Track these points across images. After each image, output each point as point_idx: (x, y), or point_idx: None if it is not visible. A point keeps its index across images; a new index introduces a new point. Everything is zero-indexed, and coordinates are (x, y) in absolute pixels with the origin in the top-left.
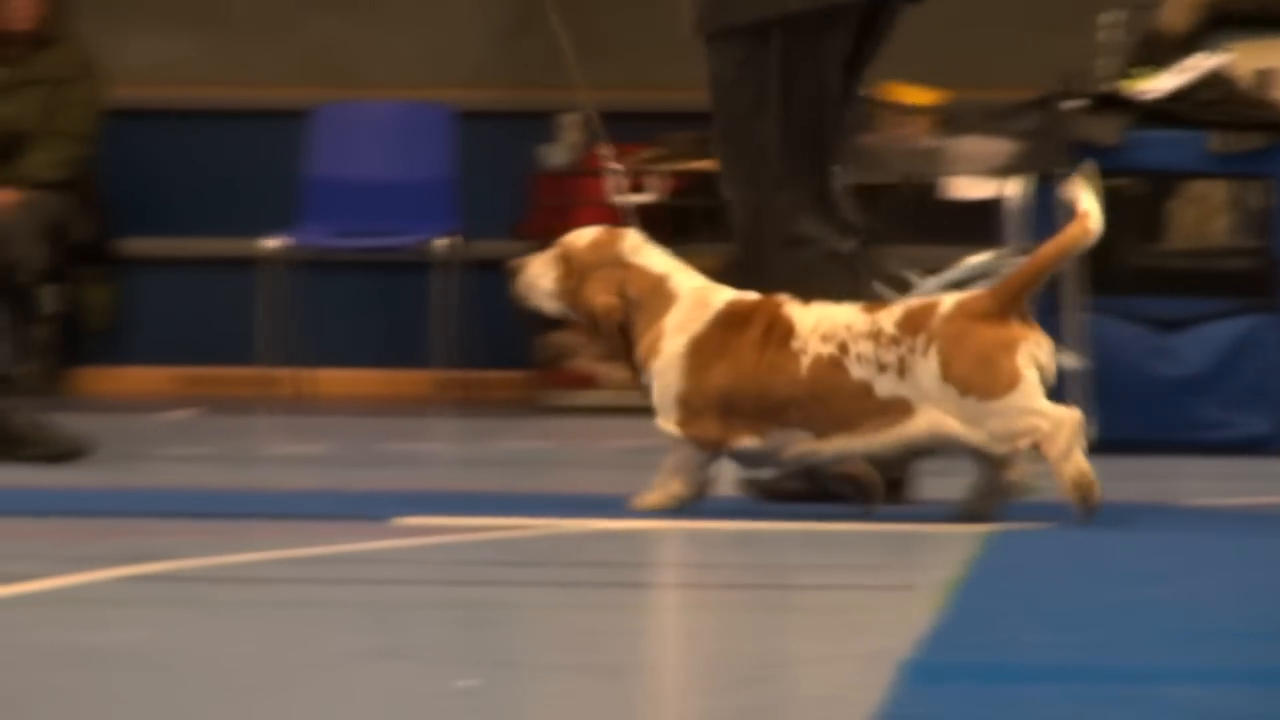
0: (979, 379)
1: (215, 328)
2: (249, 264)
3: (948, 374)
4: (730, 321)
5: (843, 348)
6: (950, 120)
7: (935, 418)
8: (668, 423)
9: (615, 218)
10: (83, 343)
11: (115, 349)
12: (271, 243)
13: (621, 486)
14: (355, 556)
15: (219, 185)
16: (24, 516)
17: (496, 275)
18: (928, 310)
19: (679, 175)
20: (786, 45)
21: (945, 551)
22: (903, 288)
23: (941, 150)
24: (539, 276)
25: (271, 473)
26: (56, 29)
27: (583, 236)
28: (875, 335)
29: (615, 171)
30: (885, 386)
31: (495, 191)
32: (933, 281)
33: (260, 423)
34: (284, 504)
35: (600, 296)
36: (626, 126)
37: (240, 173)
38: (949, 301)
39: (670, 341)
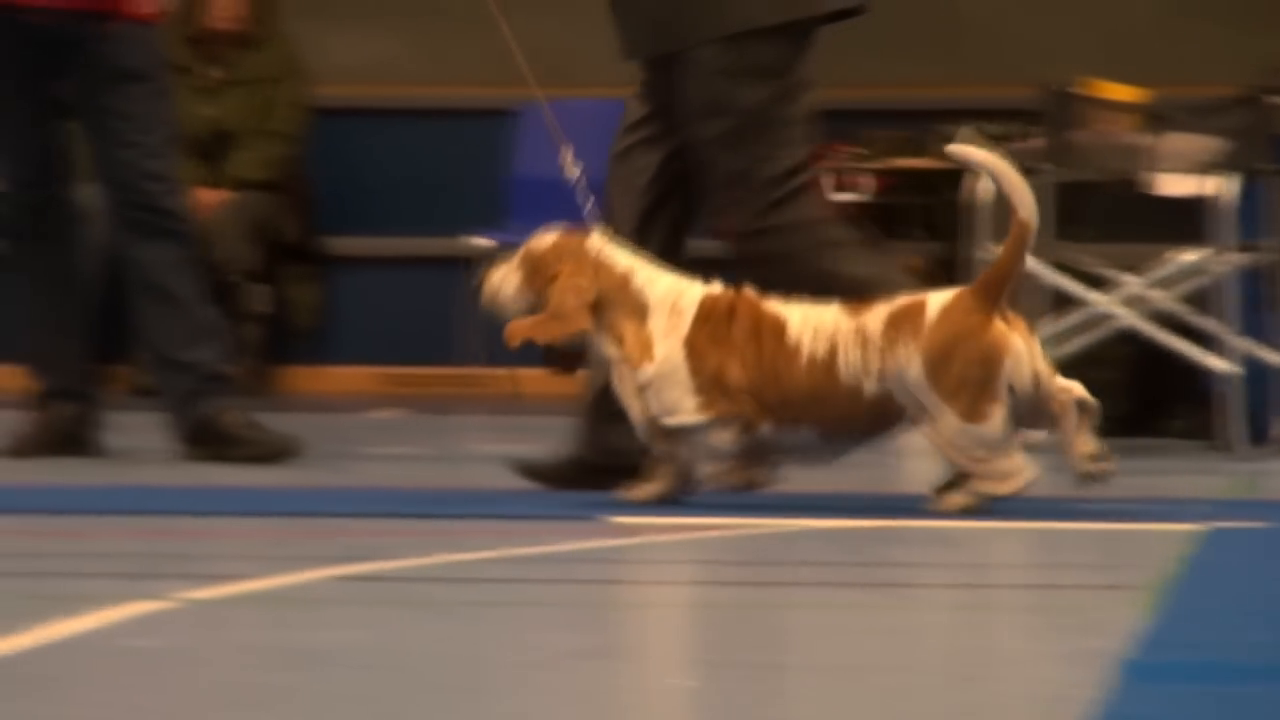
0: (960, 398)
1: (419, 327)
2: (454, 263)
3: (933, 382)
4: (712, 315)
5: (833, 349)
6: (1157, 117)
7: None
8: (683, 415)
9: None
10: (289, 342)
11: (320, 348)
12: (477, 241)
13: (829, 485)
14: (567, 556)
15: (425, 184)
16: (237, 516)
17: (696, 272)
18: (914, 312)
19: (885, 173)
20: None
21: (1155, 550)
22: (1105, 286)
23: (1148, 147)
24: (503, 283)
25: (479, 472)
26: (263, 29)
27: (544, 240)
28: (863, 340)
29: (575, 177)
30: (871, 387)
31: None
32: (1138, 280)
33: (465, 422)
34: (493, 504)
35: (569, 291)
36: (832, 125)
37: (446, 171)
38: (935, 303)
39: (663, 344)
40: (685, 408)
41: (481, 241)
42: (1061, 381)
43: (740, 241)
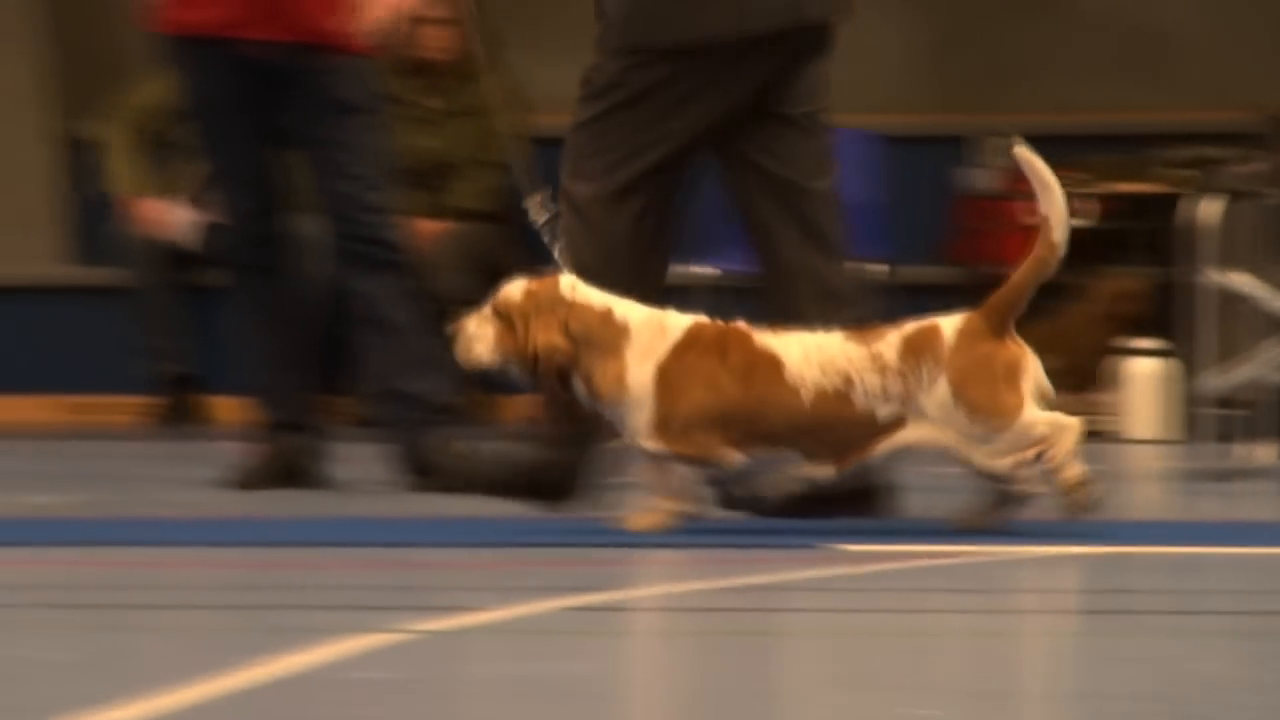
0: (990, 406)
1: None
2: (678, 291)
3: (959, 399)
4: (698, 346)
5: (848, 381)
6: None
7: (930, 433)
8: (648, 442)
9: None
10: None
11: None
12: (700, 269)
13: (1057, 513)
14: (798, 584)
15: None
16: (465, 547)
17: (922, 299)
18: (930, 336)
19: (1105, 198)
20: (698, 69)
21: None
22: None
23: None
24: (477, 335)
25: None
26: (482, 60)
27: (515, 288)
28: (881, 368)
29: (544, 221)
30: (886, 411)
31: (919, 216)
32: None
33: None
34: (720, 533)
35: (543, 336)
36: (1049, 149)
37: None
38: (949, 327)
39: (636, 370)
40: (650, 437)
41: (698, 269)
42: (1044, 413)
43: None
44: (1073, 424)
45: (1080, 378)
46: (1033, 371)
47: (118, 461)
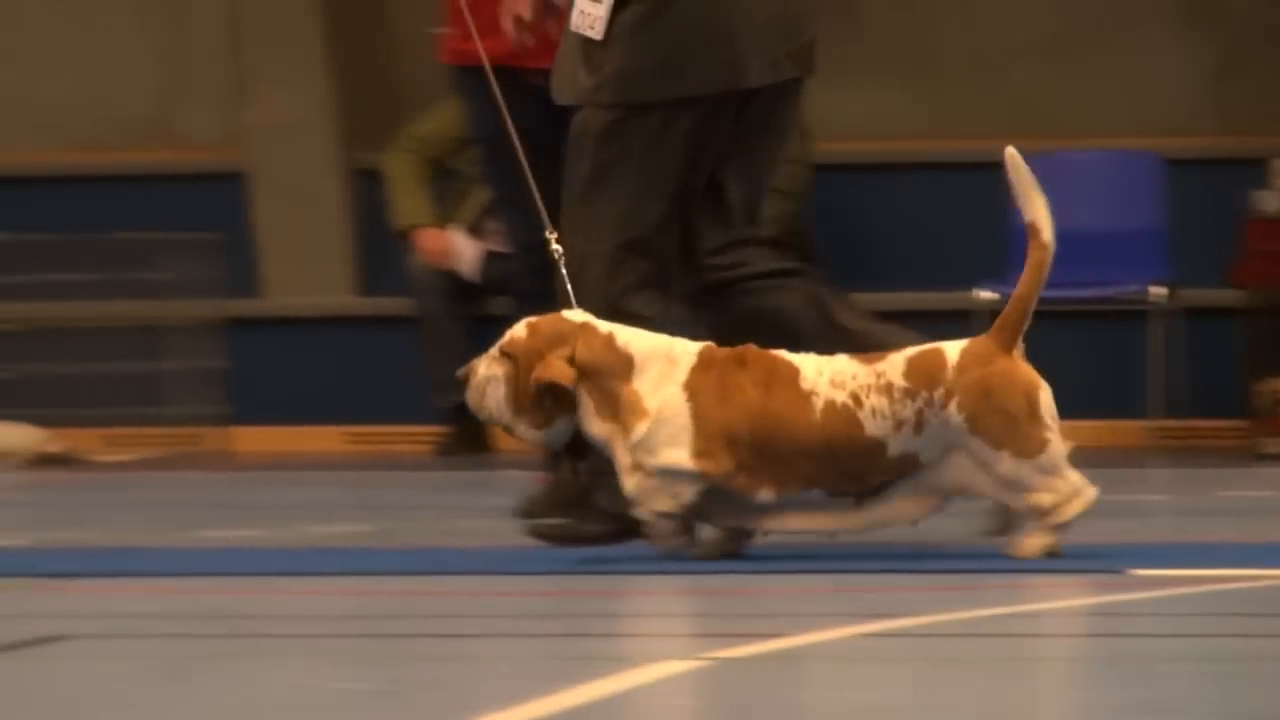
0: (1010, 436)
1: None
2: (959, 316)
3: (976, 428)
4: (715, 363)
5: (856, 399)
6: None
7: (948, 474)
8: (673, 459)
9: None
10: None
11: None
12: (983, 294)
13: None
14: (1097, 609)
15: (927, 237)
16: (762, 574)
17: (1209, 323)
18: (936, 360)
19: None
20: (673, 121)
21: None
22: None
23: None
24: (489, 377)
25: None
26: None
27: (520, 328)
28: (886, 388)
29: (558, 255)
30: (898, 445)
31: (1204, 238)
32: None
33: None
34: (1011, 558)
35: (553, 367)
36: None
37: (948, 224)
38: (954, 351)
39: (656, 395)
40: (679, 449)
41: (986, 294)
42: None
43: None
44: (1089, 493)
45: None
46: (1048, 399)
47: (405, 491)
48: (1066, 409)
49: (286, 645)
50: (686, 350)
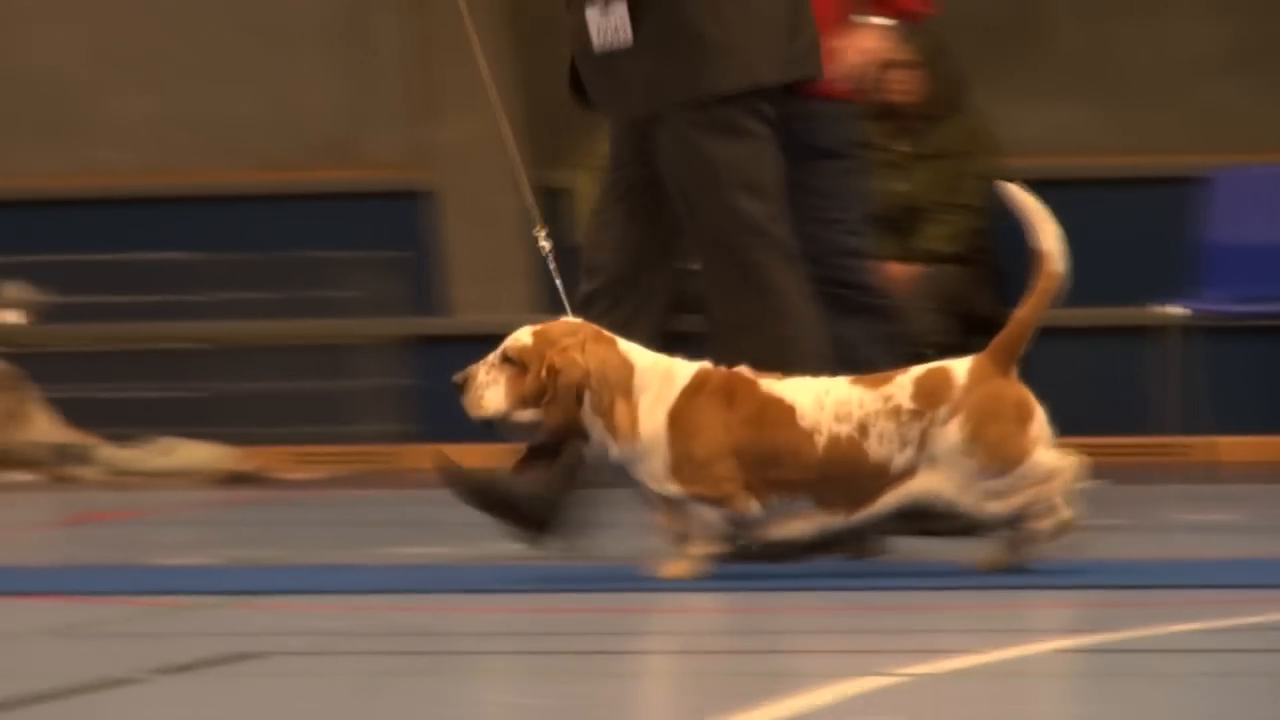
0: (1000, 452)
1: (1111, 396)
2: (1143, 331)
3: (973, 446)
4: (705, 392)
5: (862, 429)
6: None
7: (937, 482)
8: (671, 485)
9: None
10: None
11: None
12: (1169, 310)
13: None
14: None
15: (1114, 252)
16: (951, 590)
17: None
18: (943, 379)
19: None
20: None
21: None
22: None
23: None
24: (488, 383)
25: (1184, 542)
26: (950, 103)
27: (523, 333)
28: (894, 412)
29: (545, 251)
30: (901, 461)
31: None
32: None
33: (1164, 491)
34: (1204, 573)
35: (561, 356)
36: None
37: (1135, 239)
38: (960, 370)
39: (649, 417)
40: (668, 481)
41: (1172, 310)
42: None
43: (717, 282)
44: (1072, 463)
45: None
46: (1042, 417)
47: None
48: (1258, 425)
49: (474, 662)
50: (683, 372)
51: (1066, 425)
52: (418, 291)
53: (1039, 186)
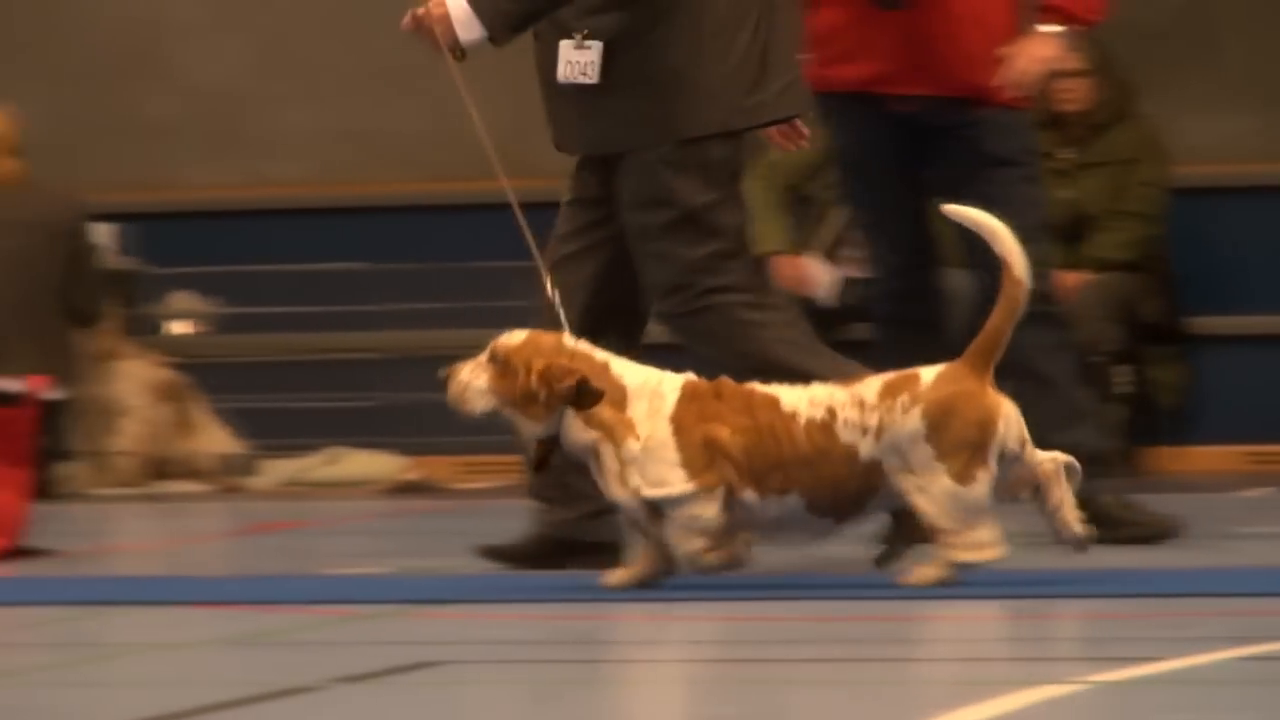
0: (954, 459)
1: None
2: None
3: (931, 439)
4: (697, 396)
5: (831, 412)
6: None
7: (902, 481)
8: (670, 488)
9: None
10: (1153, 422)
11: (1186, 427)
12: None
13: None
14: None
15: None
16: (1129, 598)
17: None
18: (910, 379)
19: None
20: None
21: None
22: None
23: None
24: (472, 380)
25: None
26: (1119, 111)
27: (514, 335)
28: (859, 403)
29: (540, 264)
30: (866, 451)
31: None
32: None
33: None
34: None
35: (553, 361)
36: None
37: None
38: (929, 372)
39: (647, 424)
40: (672, 479)
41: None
42: (1041, 452)
43: (674, 323)
44: (1071, 462)
45: None
46: (1009, 419)
47: None
48: None
49: (653, 671)
50: (672, 384)
51: (1240, 433)
52: None
53: (1208, 194)
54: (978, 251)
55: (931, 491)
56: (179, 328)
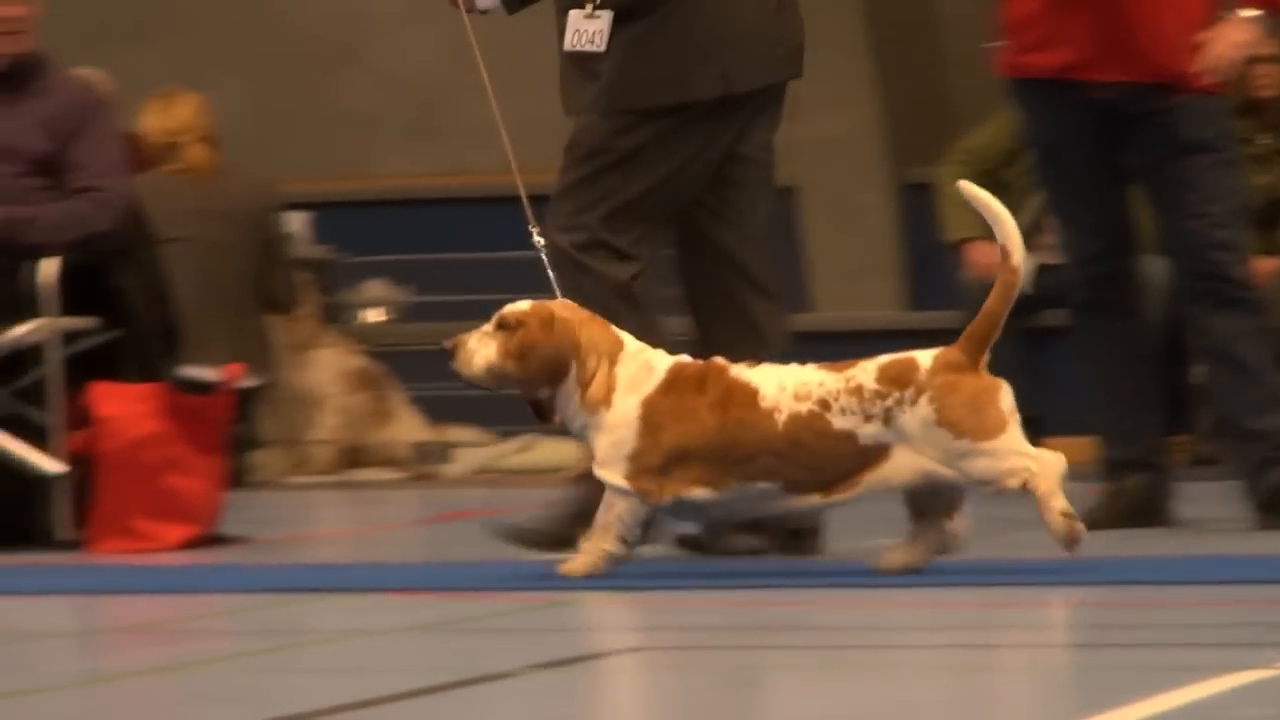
0: (972, 423)
1: None
2: None
3: (941, 419)
4: (679, 384)
5: (824, 404)
6: None
7: (914, 459)
8: (613, 475)
9: None
10: None
11: None
12: None
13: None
14: None
15: None
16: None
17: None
18: (908, 365)
19: None
20: (682, 127)
21: None
22: None
23: None
24: (479, 349)
25: None
26: None
27: (519, 307)
28: (856, 390)
29: (541, 249)
30: (868, 436)
31: None
32: None
33: None
34: None
35: (560, 324)
36: None
37: None
38: (927, 357)
39: (622, 398)
40: (615, 469)
41: None
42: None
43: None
44: (1058, 458)
45: None
46: (1011, 401)
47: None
48: None
49: (857, 657)
50: (664, 361)
51: None
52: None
53: None
54: (1173, 239)
55: (962, 463)
56: (374, 316)
